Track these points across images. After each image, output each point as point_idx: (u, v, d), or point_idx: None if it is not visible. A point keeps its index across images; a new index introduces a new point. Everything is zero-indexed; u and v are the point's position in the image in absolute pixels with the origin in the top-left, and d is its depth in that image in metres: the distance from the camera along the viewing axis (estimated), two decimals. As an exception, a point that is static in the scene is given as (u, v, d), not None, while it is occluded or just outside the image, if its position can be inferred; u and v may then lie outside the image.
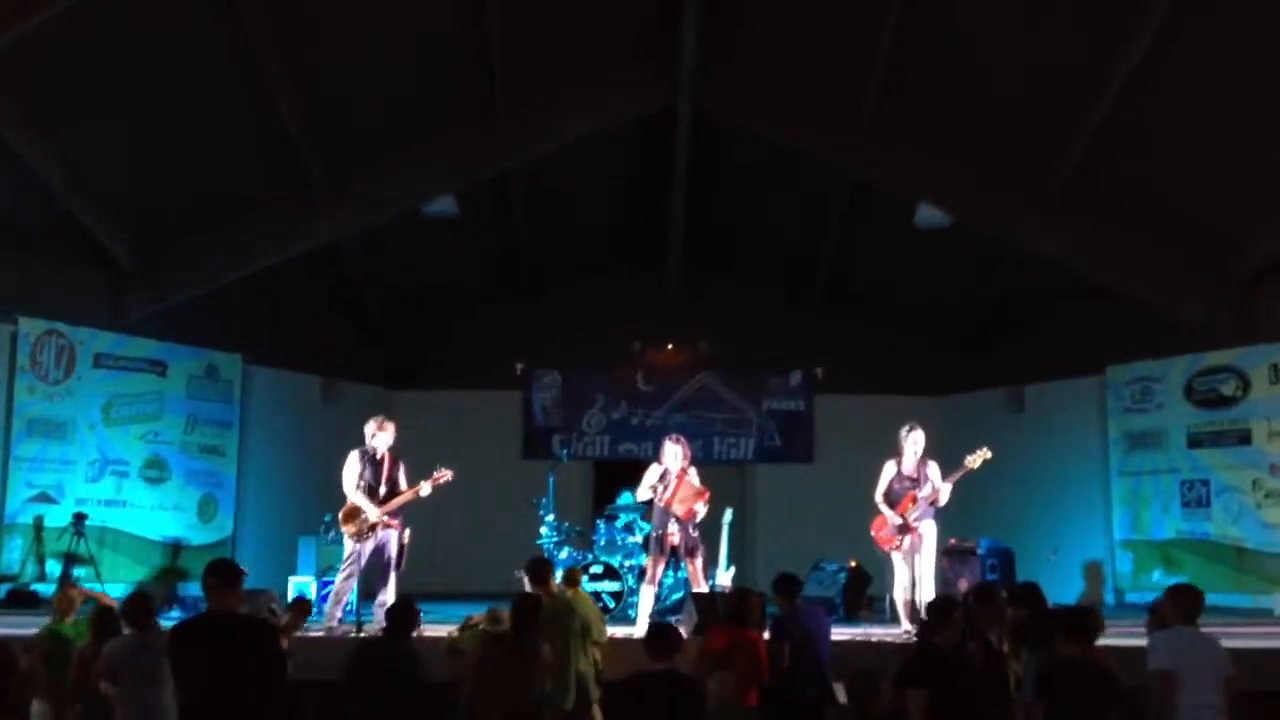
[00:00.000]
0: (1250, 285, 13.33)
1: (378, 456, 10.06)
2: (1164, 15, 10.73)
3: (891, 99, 12.98)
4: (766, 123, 13.79)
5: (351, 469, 10.00)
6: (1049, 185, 13.11)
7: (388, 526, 9.95)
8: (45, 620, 7.95)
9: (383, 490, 9.96)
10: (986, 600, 7.52)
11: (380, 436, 10.10)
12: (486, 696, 6.99)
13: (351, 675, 6.89)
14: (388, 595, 9.80)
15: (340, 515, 10.03)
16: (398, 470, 10.11)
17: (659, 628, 6.54)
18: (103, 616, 7.17)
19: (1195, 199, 12.86)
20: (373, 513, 9.84)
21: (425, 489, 10.04)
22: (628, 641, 9.43)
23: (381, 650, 7.08)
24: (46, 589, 12.52)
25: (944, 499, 10.09)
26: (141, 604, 7.00)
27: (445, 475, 10.10)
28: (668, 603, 11.63)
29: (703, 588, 10.33)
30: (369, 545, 9.90)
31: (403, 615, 7.26)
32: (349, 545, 9.97)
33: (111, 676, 6.63)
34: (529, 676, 7.06)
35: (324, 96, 12.51)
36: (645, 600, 10.21)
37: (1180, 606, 6.30)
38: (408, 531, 10.18)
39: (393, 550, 9.96)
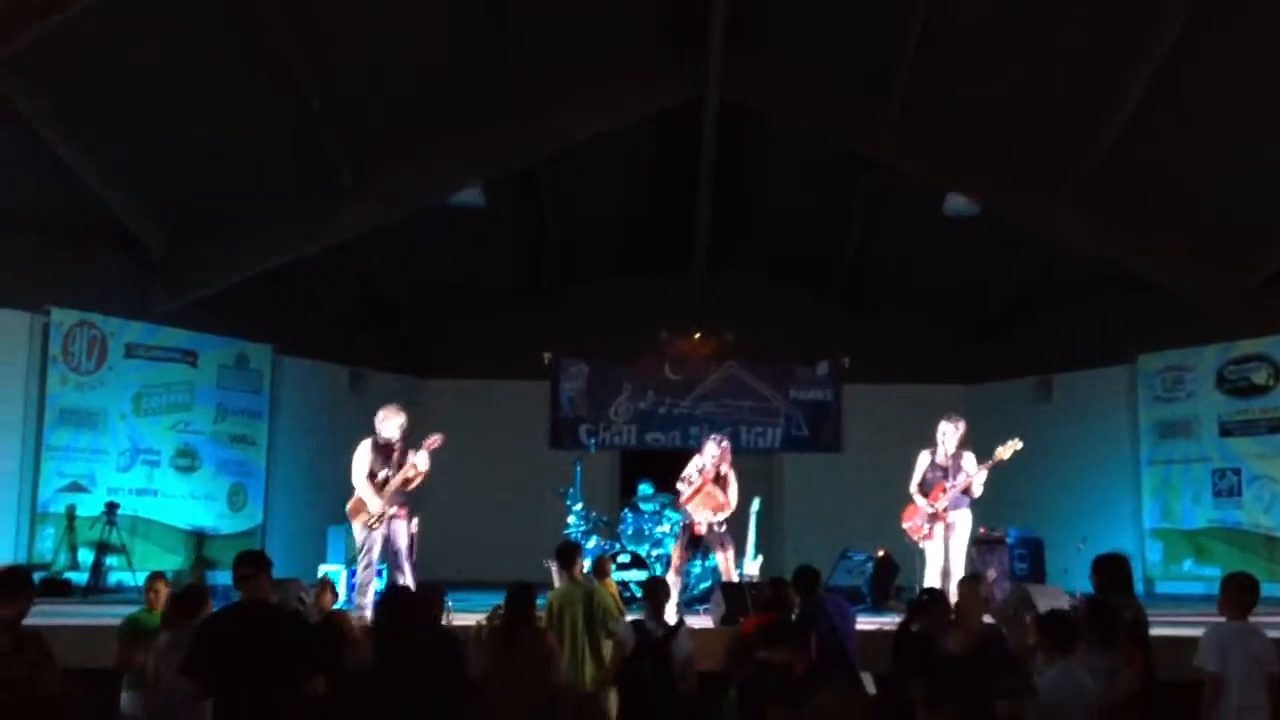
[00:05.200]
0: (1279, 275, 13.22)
1: (391, 445, 10.02)
2: (1193, 5, 10.65)
3: (919, 88, 12.91)
4: (793, 112, 13.75)
5: (360, 459, 9.97)
6: (1079, 173, 13.02)
7: (396, 516, 9.93)
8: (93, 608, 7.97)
9: (384, 475, 9.86)
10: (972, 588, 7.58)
11: (387, 424, 9.99)
12: (494, 689, 6.96)
13: (384, 665, 6.87)
14: (408, 584, 9.82)
15: (349, 507, 10.04)
16: (407, 459, 9.93)
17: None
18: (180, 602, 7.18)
19: (1225, 186, 12.77)
20: (374, 504, 9.82)
21: (423, 460, 9.83)
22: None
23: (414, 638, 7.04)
24: (79, 578, 12.68)
25: (978, 489, 10.06)
26: (200, 596, 7.04)
27: (434, 440, 9.91)
28: (695, 592, 11.65)
29: (733, 579, 10.35)
30: (379, 535, 9.89)
31: (407, 603, 7.23)
32: (360, 536, 9.99)
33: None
34: (530, 669, 6.98)
35: (351, 90, 12.53)
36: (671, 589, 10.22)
37: (1236, 597, 6.10)
38: (415, 521, 10.12)
39: (402, 540, 9.89)
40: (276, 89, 12.21)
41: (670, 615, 9.98)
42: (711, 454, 10.64)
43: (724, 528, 10.55)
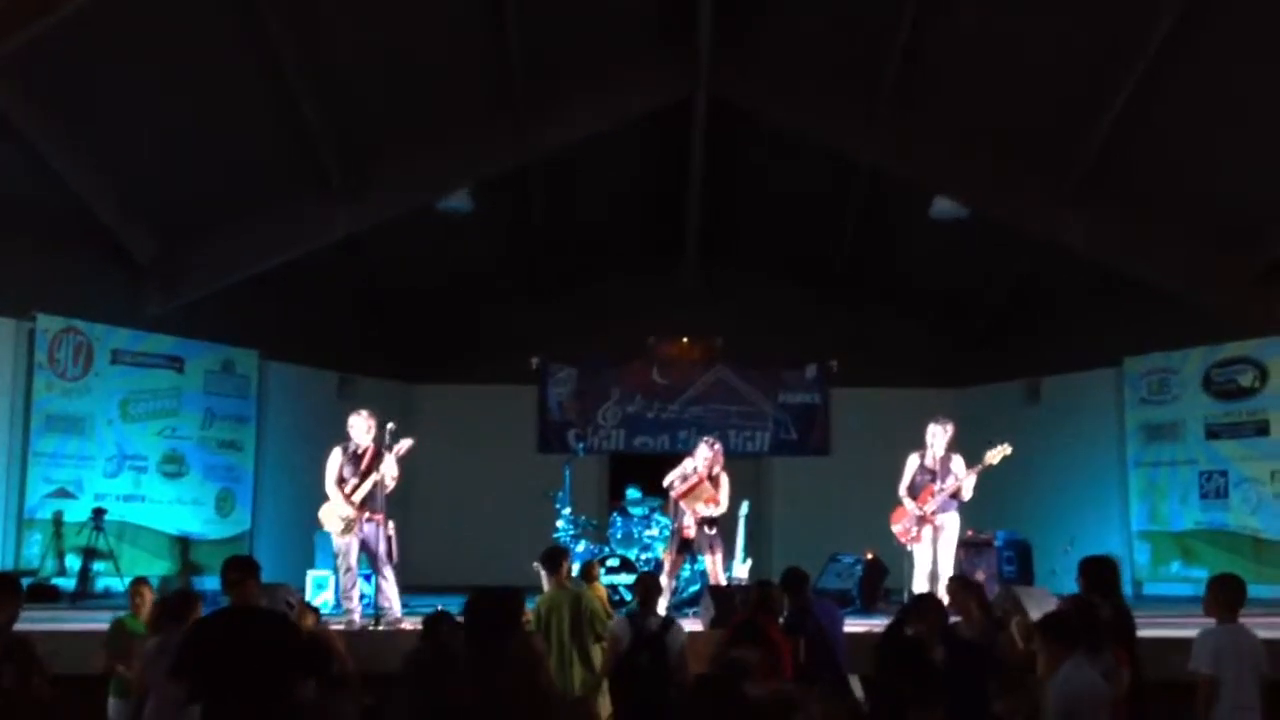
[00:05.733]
0: (1267, 276, 13.25)
1: (359, 451, 9.99)
2: (1184, 4, 10.69)
3: (909, 90, 12.93)
4: (783, 114, 13.77)
5: (331, 465, 9.95)
6: (1066, 177, 13.05)
7: (370, 520, 9.89)
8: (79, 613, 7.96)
9: (355, 483, 9.85)
10: (966, 591, 7.62)
11: (357, 429, 9.98)
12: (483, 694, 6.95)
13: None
14: (388, 587, 9.80)
15: (320, 513, 10.01)
16: (378, 462, 9.85)
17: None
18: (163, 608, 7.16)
19: (1213, 189, 12.81)
20: (344, 510, 9.79)
21: (391, 466, 9.78)
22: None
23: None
24: (66, 584, 12.64)
25: (967, 493, 10.07)
26: (188, 601, 7.02)
27: (404, 445, 9.88)
28: (685, 595, 11.65)
29: (721, 583, 10.36)
30: (354, 540, 9.86)
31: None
32: (336, 543, 9.97)
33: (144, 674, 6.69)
34: (518, 674, 6.94)
35: (341, 93, 12.53)
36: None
37: (1223, 598, 6.07)
38: (391, 524, 10.08)
39: (380, 544, 9.83)
40: (268, 92, 12.21)
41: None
42: (704, 456, 10.67)
43: (714, 530, 10.56)
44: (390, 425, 10.02)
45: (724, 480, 10.73)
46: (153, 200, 13.18)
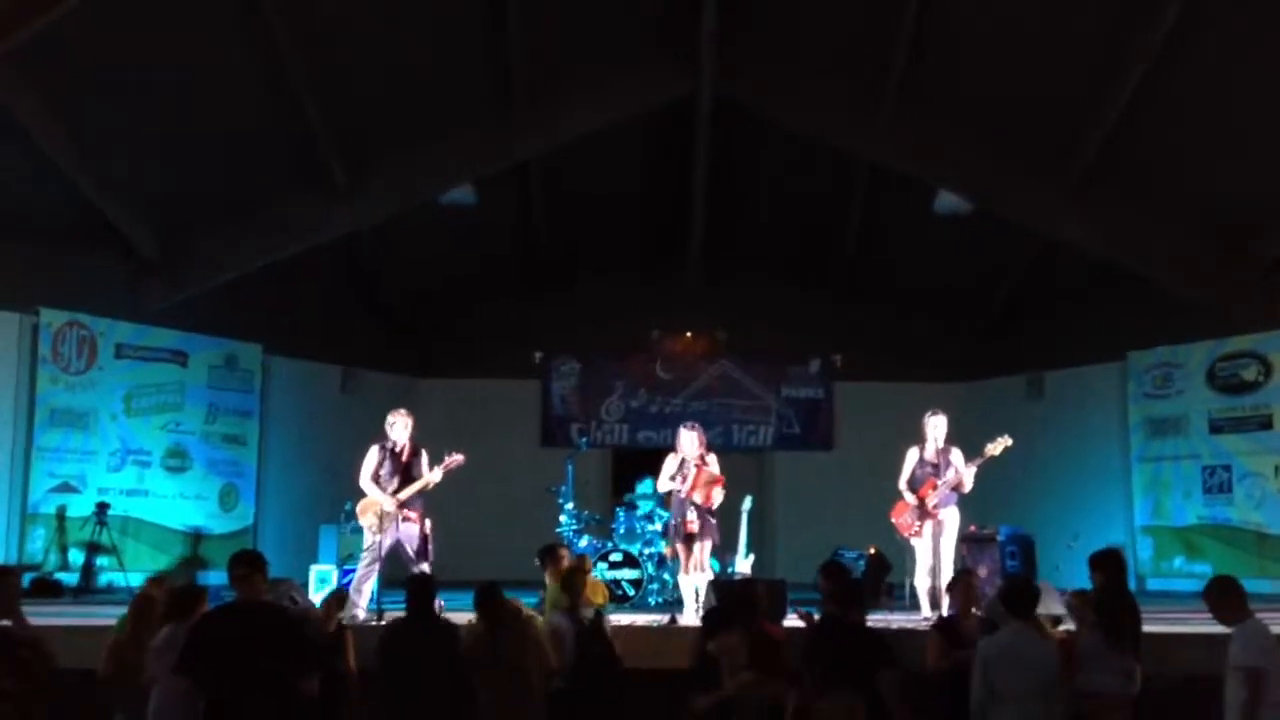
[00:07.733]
0: (1272, 270, 13.25)
1: (397, 449, 10.02)
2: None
3: (912, 85, 12.93)
4: (787, 110, 13.76)
5: (368, 461, 9.97)
6: (1070, 171, 13.05)
7: (406, 519, 9.91)
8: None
9: (395, 481, 9.84)
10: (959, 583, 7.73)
11: (395, 428, 10.01)
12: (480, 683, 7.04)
13: (387, 656, 6.94)
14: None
15: (357, 508, 10.03)
16: (417, 460, 9.95)
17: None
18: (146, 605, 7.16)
19: (1217, 184, 12.81)
20: (387, 502, 9.80)
21: (436, 474, 9.88)
22: (646, 629, 9.44)
23: (414, 628, 7.14)
24: (70, 578, 12.66)
25: (968, 485, 10.04)
26: (195, 596, 7.02)
27: (456, 460, 9.94)
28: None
29: (706, 573, 10.22)
30: (388, 537, 9.86)
31: (425, 590, 7.33)
32: (369, 537, 9.97)
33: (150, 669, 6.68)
34: (506, 665, 7.06)
35: (344, 88, 12.53)
36: (687, 590, 10.11)
37: (1234, 598, 5.94)
38: (428, 522, 10.13)
39: (415, 542, 9.89)
40: (270, 88, 12.21)
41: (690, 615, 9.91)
42: (690, 441, 10.43)
43: (715, 520, 10.45)
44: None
45: (712, 459, 10.52)
46: (155, 195, 13.18)
